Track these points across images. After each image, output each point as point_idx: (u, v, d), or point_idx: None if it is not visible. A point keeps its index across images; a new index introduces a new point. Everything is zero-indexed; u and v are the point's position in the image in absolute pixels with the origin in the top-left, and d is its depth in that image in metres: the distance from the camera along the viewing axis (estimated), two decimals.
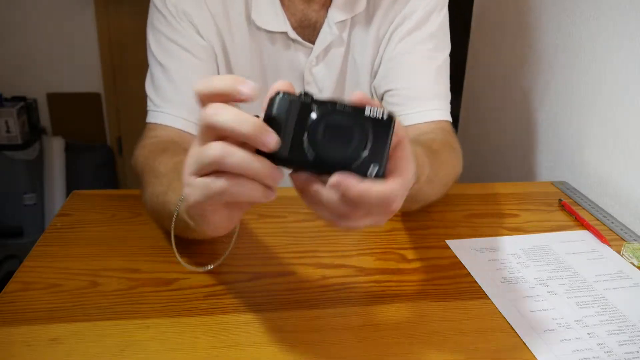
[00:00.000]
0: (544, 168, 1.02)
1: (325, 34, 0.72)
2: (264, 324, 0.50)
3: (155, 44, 0.68)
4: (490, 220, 0.73)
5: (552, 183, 0.87)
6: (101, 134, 2.17)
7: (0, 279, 1.74)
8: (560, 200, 0.79)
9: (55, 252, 0.60)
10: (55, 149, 2.01)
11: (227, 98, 0.36)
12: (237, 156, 0.36)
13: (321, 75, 0.75)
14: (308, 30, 0.72)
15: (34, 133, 1.98)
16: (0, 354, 0.45)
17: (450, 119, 0.74)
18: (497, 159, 1.22)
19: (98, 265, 0.58)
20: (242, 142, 0.36)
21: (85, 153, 2.10)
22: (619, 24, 0.81)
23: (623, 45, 0.80)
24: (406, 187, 0.38)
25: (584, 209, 0.78)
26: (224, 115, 0.35)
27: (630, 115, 0.78)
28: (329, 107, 0.37)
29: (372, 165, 0.36)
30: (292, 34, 0.71)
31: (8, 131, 1.86)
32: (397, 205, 0.38)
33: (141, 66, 0.76)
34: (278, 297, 0.54)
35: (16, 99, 1.94)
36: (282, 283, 0.57)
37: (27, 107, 1.96)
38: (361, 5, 0.72)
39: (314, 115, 0.37)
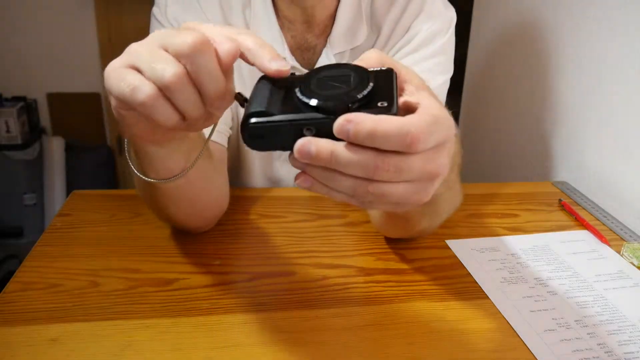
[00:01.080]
0: (544, 168, 1.02)
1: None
2: (264, 324, 0.50)
3: None
4: (490, 220, 0.73)
5: (552, 183, 0.87)
6: (101, 134, 2.17)
7: (0, 279, 1.74)
8: (560, 200, 0.79)
9: (55, 252, 0.60)
10: (55, 149, 2.01)
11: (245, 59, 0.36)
12: (187, 95, 0.35)
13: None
14: (307, 54, 0.72)
15: (34, 133, 1.98)
16: (0, 354, 0.45)
17: None
18: (497, 159, 1.22)
19: (98, 265, 0.58)
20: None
21: (85, 153, 2.10)
22: (619, 24, 0.81)
23: (623, 45, 0.80)
24: (433, 124, 0.32)
25: (584, 209, 0.78)
26: (207, 62, 0.34)
27: (630, 115, 0.78)
28: (320, 68, 0.35)
29: (380, 103, 0.32)
30: (290, 60, 0.70)
31: (8, 131, 1.86)
32: (424, 144, 0.31)
33: None
34: (278, 297, 0.54)
35: (16, 99, 1.94)
36: (282, 283, 0.57)
37: (27, 107, 1.96)
38: (361, 37, 0.71)
39: (304, 76, 0.34)
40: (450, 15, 0.72)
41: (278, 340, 0.48)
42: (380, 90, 0.33)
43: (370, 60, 0.36)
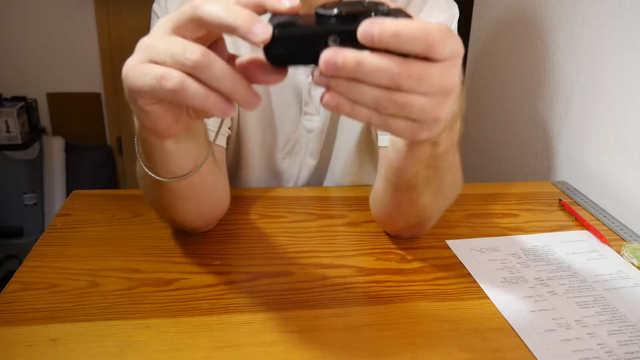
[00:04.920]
0: (544, 168, 1.02)
1: None
2: (264, 324, 0.50)
3: None
4: (490, 220, 0.73)
5: (552, 183, 0.87)
6: (101, 134, 2.17)
7: (0, 279, 1.74)
8: (560, 200, 0.79)
9: (55, 252, 0.60)
10: (55, 149, 2.01)
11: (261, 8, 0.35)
12: (218, 69, 0.34)
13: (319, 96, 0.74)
14: None
15: (34, 133, 1.98)
16: (0, 354, 0.45)
17: None
18: (497, 159, 1.22)
19: (98, 265, 0.58)
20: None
21: (85, 153, 2.10)
22: (620, 23, 0.81)
23: (623, 45, 0.80)
24: (448, 31, 0.34)
25: (584, 209, 0.78)
26: (214, 6, 0.33)
27: (630, 115, 0.78)
28: (335, 1, 0.35)
29: (399, 15, 0.34)
30: None
31: (8, 131, 1.86)
32: (442, 46, 0.33)
33: None
34: (278, 297, 0.54)
35: (16, 99, 1.94)
36: (282, 283, 0.57)
37: (27, 107, 1.96)
38: None
39: (320, 4, 0.35)
40: (453, 11, 0.71)
41: (278, 340, 0.48)
42: (398, 11, 0.35)
43: None
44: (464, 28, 1.35)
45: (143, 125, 0.43)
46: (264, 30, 0.33)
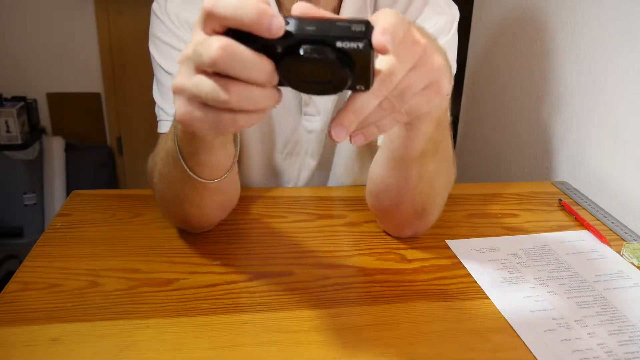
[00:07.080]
0: (544, 168, 1.02)
1: None
2: (264, 324, 0.50)
3: (159, 54, 0.68)
4: (490, 220, 0.73)
5: (552, 183, 0.87)
6: (101, 134, 2.17)
7: (0, 279, 1.74)
8: (560, 200, 0.79)
9: (55, 252, 0.60)
10: (55, 149, 2.01)
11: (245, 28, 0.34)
12: (242, 53, 0.33)
13: (319, 97, 0.74)
14: None
15: (34, 133, 1.98)
16: (0, 354, 0.45)
17: None
18: (497, 159, 1.22)
19: (98, 265, 0.58)
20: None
21: (85, 153, 2.10)
22: (620, 24, 0.81)
23: (623, 45, 0.80)
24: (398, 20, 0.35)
25: (584, 209, 0.78)
26: (225, 2, 0.34)
27: (630, 115, 0.78)
28: (299, 38, 0.34)
29: (357, 87, 0.36)
30: None
31: (8, 131, 1.86)
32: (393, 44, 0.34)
33: (141, 66, 0.76)
34: (278, 297, 0.54)
35: (16, 99, 1.94)
36: (282, 283, 0.57)
37: (27, 107, 1.95)
38: None
39: (284, 48, 0.34)
40: (453, 12, 0.71)
41: (278, 340, 0.49)
42: (357, 75, 0.35)
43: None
44: (464, 28, 1.35)
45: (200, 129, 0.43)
46: (278, 24, 0.33)
